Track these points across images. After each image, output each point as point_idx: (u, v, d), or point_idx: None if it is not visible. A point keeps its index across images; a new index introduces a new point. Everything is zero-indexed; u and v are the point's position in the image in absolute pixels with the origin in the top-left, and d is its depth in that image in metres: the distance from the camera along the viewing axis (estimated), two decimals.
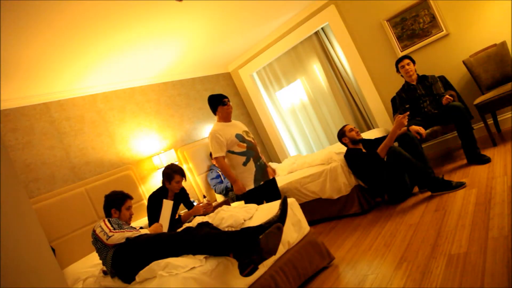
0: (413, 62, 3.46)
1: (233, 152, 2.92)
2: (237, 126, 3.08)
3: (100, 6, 2.51)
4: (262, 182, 2.93)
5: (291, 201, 2.39)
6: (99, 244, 2.14)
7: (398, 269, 1.91)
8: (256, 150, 3.01)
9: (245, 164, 2.91)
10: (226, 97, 3.05)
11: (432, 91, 3.35)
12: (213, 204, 3.78)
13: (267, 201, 3.01)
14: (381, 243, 2.35)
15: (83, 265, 2.78)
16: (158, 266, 1.78)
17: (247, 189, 2.90)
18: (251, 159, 2.93)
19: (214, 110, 3.07)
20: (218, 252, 1.86)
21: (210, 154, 4.52)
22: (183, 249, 1.89)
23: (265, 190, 2.99)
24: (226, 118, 3.05)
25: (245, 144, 2.94)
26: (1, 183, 0.86)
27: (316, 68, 5.22)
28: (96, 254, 2.28)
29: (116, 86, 4.20)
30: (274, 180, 3.09)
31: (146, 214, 3.15)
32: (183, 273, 1.69)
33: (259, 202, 2.83)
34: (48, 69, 3.13)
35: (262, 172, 2.96)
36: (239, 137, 2.95)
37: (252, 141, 3.03)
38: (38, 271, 0.88)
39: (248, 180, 2.91)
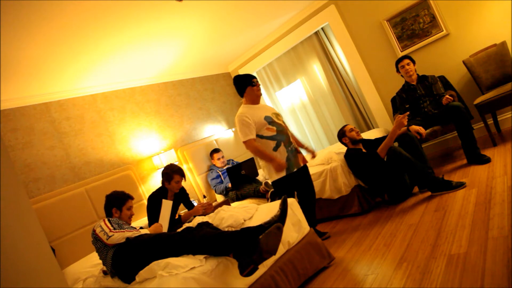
0: (413, 62, 3.46)
1: (262, 137, 2.66)
2: (266, 108, 2.83)
3: (100, 6, 2.51)
4: (295, 169, 2.68)
5: (291, 201, 2.39)
6: (99, 244, 2.14)
7: (398, 269, 1.91)
8: (287, 134, 2.74)
9: (275, 149, 2.65)
10: (255, 77, 2.79)
11: (432, 91, 3.35)
12: (213, 204, 3.78)
13: (298, 191, 2.84)
14: (381, 243, 2.35)
15: (83, 265, 2.78)
16: (158, 266, 1.78)
17: (279, 177, 2.66)
18: (282, 144, 2.67)
19: (242, 92, 2.78)
20: (218, 252, 1.86)
21: (210, 154, 4.51)
22: (183, 249, 1.89)
23: (296, 178, 2.75)
24: (254, 100, 2.78)
25: (274, 127, 2.68)
26: (1, 183, 0.86)
27: (316, 68, 5.22)
28: (96, 254, 2.28)
29: (116, 86, 4.20)
30: (305, 167, 2.86)
31: (146, 214, 3.15)
32: (183, 273, 1.69)
33: (289, 192, 2.68)
34: (48, 69, 3.13)
35: (294, 158, 2.70)
36: (268, 119, 2.69)
37: (283, 124, 2.77)
38: (38, 271, 0.88)
39: None
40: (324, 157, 3.46)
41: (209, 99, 5.25)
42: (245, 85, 2.76)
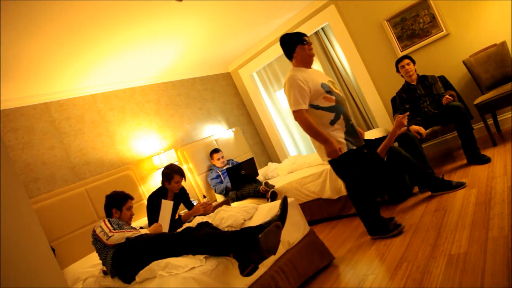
0: (413, 62, 3.46)
1: (317, 107, 2.28)
2: (321, 74, 2.46)
3: (100, 6, 2.51)
4: (354, 147, 2.34)
5: (291, 201, 2.39)
6: (99, 244, 2.14)
7: (398, 269, 1.91)
8: (346, 105, 2.40)
9: (333, 123, 2.29)
10: (306, 35, 2.42)
11: (432, 91, 3.35)
12: (213, 204, 3.78)
13: (365, 168, 2.53)
14: (381, 243, 2.35)
15: (83, 265, 2.78)
16: (158, 266, 1.78)
17: (334, 156, 2.29)
18: (341, 117, 2.32)
19: (291, 52, 2.41)
20: (218, 252, 1.86)
21: (210, 154, 4.51)
22: (183, 249, 1.89)
23: (359, 156, 2.45)
24: (307, 61, 2.41)
25: (333, 97, 2.30)
26: (1, 183, 0.86)
27: (316, 68, 5.21)
28: (96, 254, 2.28)
29: (116, 86, 4.20)
30: (370, 142, 2.49)
31: (146, 214, 3.15)
32: (183, 273, 1.69)
33: (351, 170, 2.37)
34: (48, 69, 3.13)
35: (355, 134, 2.39)
36: (326, 87, 2.31)
37: (341, 94, 2.42)
38: (38, 271, 0.88)
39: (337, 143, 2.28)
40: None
41: (209, 99, 5.25)
42: (294, 44, 2.39)
